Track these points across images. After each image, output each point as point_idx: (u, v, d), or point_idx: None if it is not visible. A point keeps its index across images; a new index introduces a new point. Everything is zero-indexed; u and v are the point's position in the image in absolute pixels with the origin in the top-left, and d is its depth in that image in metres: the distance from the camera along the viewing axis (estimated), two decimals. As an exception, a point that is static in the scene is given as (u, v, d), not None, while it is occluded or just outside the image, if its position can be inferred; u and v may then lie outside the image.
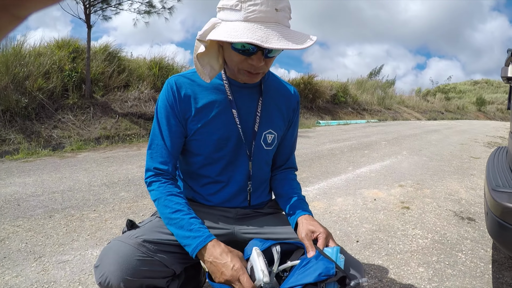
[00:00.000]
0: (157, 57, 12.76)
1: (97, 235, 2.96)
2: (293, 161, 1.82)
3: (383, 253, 2.75)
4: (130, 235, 1.33)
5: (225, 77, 1.48)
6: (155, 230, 1.40)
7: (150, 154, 1.49)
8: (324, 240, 1.33)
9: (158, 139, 1.47)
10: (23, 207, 3.57)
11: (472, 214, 3.80)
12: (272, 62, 1.38)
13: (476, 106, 44.07)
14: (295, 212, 1.51)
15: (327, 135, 11.13)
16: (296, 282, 1.16)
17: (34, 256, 2.54)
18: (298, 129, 1.81)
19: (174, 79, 1.47)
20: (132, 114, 9.96)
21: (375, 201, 4.13)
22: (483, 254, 2.82)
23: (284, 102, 1.63)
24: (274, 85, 1.62)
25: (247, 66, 1.31)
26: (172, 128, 1.46)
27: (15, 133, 7.38)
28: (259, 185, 1.65)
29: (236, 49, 1.26)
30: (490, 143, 10.84)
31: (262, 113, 1.54)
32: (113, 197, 4.00)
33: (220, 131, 1.47)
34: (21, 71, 8.42)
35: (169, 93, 1.44)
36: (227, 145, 1.50)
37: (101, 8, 9.68)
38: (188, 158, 1.56)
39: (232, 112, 1.47)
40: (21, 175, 4.98)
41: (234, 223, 1.57)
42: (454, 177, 5.65)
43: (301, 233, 1.37)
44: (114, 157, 6.56)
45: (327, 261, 1.19)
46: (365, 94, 24.64)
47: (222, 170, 1.54)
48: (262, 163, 1.62)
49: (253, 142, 1.53)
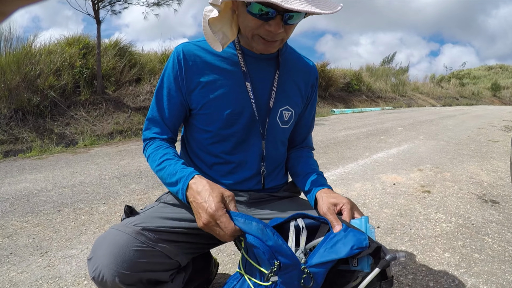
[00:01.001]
0: (168, 50, 12.70)
1: (106, 228, 2.90)
2: (310, 141, 1.70)
3: (406, 239, 2.66)
4: (127, 222, 1.19)
5: (238, 47, 1.35)
6: (157, 216, 1.27)
7: (147, 126, 1.41)
8: (349, 212, 1.19)
9: (155, 111, 1.39)
10: (33, 203, 3.53)
11: (495, 196, 3.68)
12: (292, 30, 1.25)
13: (491, 92, 43.53)
14: (312, 188, 1.38)
15: (342, 123, 10.98)
16: (325, 258, 1.01)
17: (41, 251, 2.49)
18: (316, 108, 1.70)
19: (182, 46, 1.35)
20: (144, 108, 9.88)
21: (394, 185, 4.03)
22: (510, 237, 2.72)
23: (302, 78, 1.50)
24: (292, 58, 1.49)
25: (263, 32, 1.19)
26: (172, 100, 1.36)
27: (28, 132, 7.37)
28: (274, 167, 1.52)
29: (252, 13, 1.13)
30: (508, 127, 10.65)
31: (278, 87, 1.41)
32: (123, 189, 3.95)
33: (232, 105, 1.34)
34: (32, 69, 8.41)
35: (175, 62, 1.34)
36: (239, 121, 1.37)
37: (110, 2, 9.62)
38: (196, 135, 1.43)
39: (245, 85, 1.34)
40: (32, 171, 4.96)
41: (247, 208, 1.43)
42: (474, 160, 5.52)
43: (322, 208, 1.23)
44: (126, 151, 6.52)
45: (357, 232, 1.05)
46: (379, 82, 24.41)
47: (232, 149, 1.41)
48: (278, 143, 1.49)
49: (267, 119, 1.40)
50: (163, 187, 3.94)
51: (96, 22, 9.16)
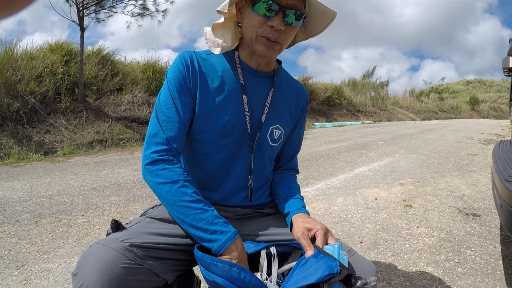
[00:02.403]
0: (150, 60, 12.66)
1: (84, 241, 2.84)
2: (295, 163, 1.71)
3: (389, 254, 2.64)
4: (115, 238, 1.15)
5: (238, 61, 1.40)
6: (144, 232, 1.22)
7: (160, 124, 1.28)
8: (323, 237, 1.19)
9: (172, 111, 1.28)
10: (9, 212, 3.45)
11: (476, 210, 3.71)
12: (291, 36, 1.31)
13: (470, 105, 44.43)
14: (289, 211, 1.39)
15: (323, 137, 11.04)
16: (296, 285, 1.01)
17: (17, 264, 2.42)
18: (304, 131, 1.71)
19: (188, 53, 1.37)
20: (125, 118, 9.81)
21: (376, 200, 4.03)
22: (492, 250, 2.73)
23: (293, 99, 1.55)
24: (286, 80, 1.55)
25: (266, 30, 1.25)
26: (184, 103, 1.31)
27: (6, 138, 7.26)
28: (261, 184, 1.52)
29: (257, 12, 1.23)
30: (486, 140, 10.83)
31: (271, 105, 1.44)
32: (103, 201, 3.88)
33: (227, 116, 1.35)
34: (14, 74, 8.32)
35: (182, 64, 1.33)
36: (232, 133, 1.37)
37: (95, 10, 9.65)
38: (187, 146, 1.42)
39: (242, 98, 1.37)
40: (10, 179, 4.86)
41: (233, 224, 1.38)
42: (454, 174, 5.57)
43: (296, 233, 1.24)
44: (106, 161, 6.44)
45: (329, 258, 1.04)
46: (360, 96, 24.67)
47: (223, 161, 1.40)
48: (265, 158, 1.49)
49: (257, 133, 1.41)
50: (143, 200, 3.90)
51: (80, 29, 9.17)
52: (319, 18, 1.34)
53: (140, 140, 9.11)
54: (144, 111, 10.42)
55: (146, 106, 10.65)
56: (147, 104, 10.74)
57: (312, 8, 1.30)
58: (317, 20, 1.36)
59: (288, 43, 1.34)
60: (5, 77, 8.07)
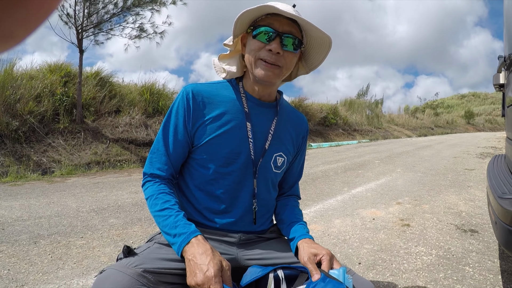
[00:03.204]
0: (148, 82, 12.71)
1: (84, 263, 2.83)
2: (296, 189, 1.79)
3: (387, 274, 2.64)
4: (127, 263, 1.18)
5: (243, 91, 1.48)
6: (155, 257, 1.27)
7: (150, 159, 1.44)
8: (328, 262, 1.25)
9: (161, 145, 1.42)
10: (8, 232, 3.46)
11: (474, 226, 3.72)
12: (290, 61, 1.39)
13: (465, 119, 44.65)
14: (294, 237, 1.44)
15: (320, 157, 11.07)
16: None
17: (16, 284, 2.41)
18: (304, 158, 1.78)
19: (192, 86, 1.45)
20: (123, 140, 9.84)
21: (374, 220, 4.03)
22: (491, 265, 2.74)
23: (294, 128, 1.63)
24: (288, 110, 1.64)
25: (264, 53, 1.33)
26: (178, 136, 1.41)
27: (4, 156, 7.30)
28: (265, 208, 1.57)
29: (256, 34, 1.34)
30: (483, 154, 10.87)
31: (274, 133, 1.52)
32: (101, 223, 3.88)
33: (232, 144, 1.43)
34: (13, 93, 8.40)
35: (184, 100, 1.41)
36: (237, 161, 1.44)
37: (93, 33, 9.79)
38: (194, 172, 1.47)
39: (246, 126, 1.44)
40: (8, 198, 4.87)
41: (237, 249, 1.46)
42: (451, 190, 5.59)
43: (303, 257, 1.29)
44: (104, 183, 6.45)
45: (336, 282, 1.10)
46: (355, 115, 24.76)
47: (229, 187, 1.45)
48: (269, 183, 1.55)
49: (260, 159, 1.47)
50: (142, 223, 3.90)
51: (79, 51, 9.27)
52: (317, 47, 1.42)
53: (137, 162, 9.12)
54: (142, 133, 10.44)
55: (144, 128, 10.67)
56: (144, 126, 10.77)
57: (309, 37, 1.39)
58: (315, 50, 1.44)
59: (288, 69, 1.40)
60: (4, 96, 8.15)
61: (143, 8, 10.11)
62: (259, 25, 1.33)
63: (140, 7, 10.01)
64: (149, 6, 10.09)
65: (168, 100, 12.12)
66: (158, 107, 11.82)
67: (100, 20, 9.68)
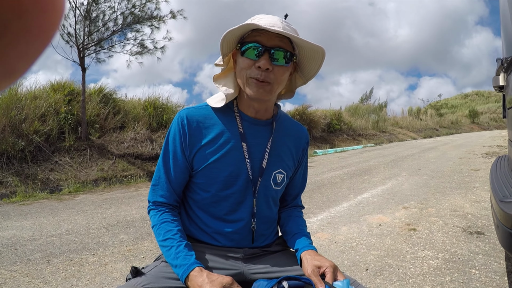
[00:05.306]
0: (151, 97, 12.82)
1: (97, 279, 2.88)
2: (299, 200, 1.79)
3: (394, 279, 2.67)
4: (136, 283, 1.24)
5: (237, 111, 1.48)
6: (162, 277, 1.31)
7: (153, 188, 1.47)
8: (332, 274, 1.26)
9: (162, 172, 1.45)
10: (21, 251, 3.51)
11: (480, 227, 3.73)
12: (282, 76, 1.37)
13: (470, 119, 44.35)
14: (298, 248, 1.46)
15: (325, 164, 11.07)
16: None
17: None
18: (307, 169, 1.78)
19: (186, 111, 1.46)
20: (129, 155, 9.91)
21: (380, 226, 4.06)
22: (497, 267, 2.75)
23: (294, 142, 1.61)
24: (286, 124, 1.61)
25: (254, 71, 1.32)
26: (178, 163, 1.44)
27: (12, 176, 7.36)
28: (266, 225, 1.57)
29: (244, 51, 1.32)
30: (488, 153, 10.83)
31: (272, 151, 1.51)
32: (112, 240, 3.93)
33: (230, 167, 1.44)
34: (18, 114, 8.50)
35: (179, 127, 1.43)
36: (236, 183, 1.45)
37: (95, 51, 9.89)
38: (195, 195, 1.49)
39: (242, 146, 1.45)
40: (18, 218, 4.93)
41: (242, 263, 1.48)
42: (457, 192, 5.60)
43: (307, 270, 1.31)
44: (112, 199, 6.50)
45: None
46: (359, 120, 24.68)
47: (230, 208, 1.47)
48: (270, 201, 1.56)
49: (259, 178, 1.48)
50: (152, 238, 3.95)
51: (82, 69, 9.35)
52: (311, 57, 1.40)
53: (144, 176, 9.16)
54: (147, 148, 10.51)
55: (149, 143, 10.73)
56: (149, 141, 10.83)
57: (301, 48, 1.38)
58: (309, 60, 1.42)
59: (279, 84, 1.38)
60: (10, 116, 8.25)
61: (142, 25, 10.22)
62: (246, 42, 1.31)
63: (139, 23, 10.11)
64: (148, 23, 10.19)
65: (172, 114, 12.16)
66: (162, 121, 11.89)
67: (100, 38, 9.80)
